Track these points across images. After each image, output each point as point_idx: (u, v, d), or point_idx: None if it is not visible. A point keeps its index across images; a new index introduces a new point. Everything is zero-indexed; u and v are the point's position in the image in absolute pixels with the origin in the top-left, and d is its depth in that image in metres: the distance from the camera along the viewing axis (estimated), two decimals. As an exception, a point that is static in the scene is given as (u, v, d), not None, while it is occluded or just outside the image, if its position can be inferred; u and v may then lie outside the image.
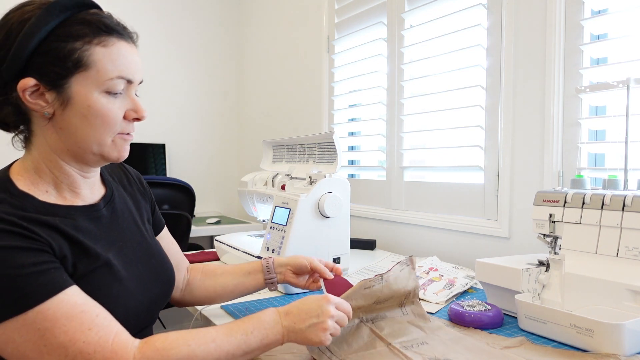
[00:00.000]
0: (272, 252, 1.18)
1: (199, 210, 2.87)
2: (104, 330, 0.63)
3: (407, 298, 0.90)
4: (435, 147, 1.66)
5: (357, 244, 1.69)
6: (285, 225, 1.17)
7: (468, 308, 0.93)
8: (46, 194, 0.72)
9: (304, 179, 1.31)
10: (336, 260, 1.23)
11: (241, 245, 1.39)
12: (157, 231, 0.97)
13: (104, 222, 0.79)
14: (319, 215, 1.19)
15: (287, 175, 1.41)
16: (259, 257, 1.23)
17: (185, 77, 2.95)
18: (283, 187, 1.36)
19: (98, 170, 0.82)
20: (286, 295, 1.15)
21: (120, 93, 0.73)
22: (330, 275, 0.95)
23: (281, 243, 1.16)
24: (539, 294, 0.93)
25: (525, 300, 0.88)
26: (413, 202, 1.70)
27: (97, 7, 0.74)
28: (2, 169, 0.74)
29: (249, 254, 1.29)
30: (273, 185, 1.47)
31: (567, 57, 1.23)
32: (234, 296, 0.99)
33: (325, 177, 1.21)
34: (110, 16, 0.74)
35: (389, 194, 1.80)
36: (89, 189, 0.80)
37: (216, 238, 1.55)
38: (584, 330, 0.77)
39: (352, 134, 2.10)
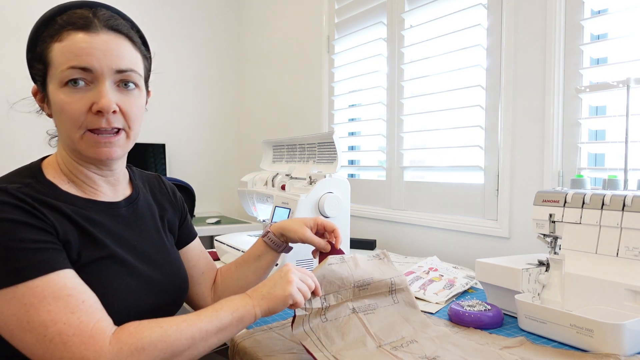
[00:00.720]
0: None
1: (199, 210, 2.87)
2: (87, 316, 0.64)
3: (393, 286, 0.91)
4: (435, 147, 1.66)
5: (357, 244, 1.69)
6: (285, 225, 1.17)
7: (468, 308, 0.93)
8: (68, 186, 0.77)
9: (304, 179, 1.31)
10: (336, 260, 1.23)
11: (241, 245, 1.39)
12: (185, 242, 0.99)
13: (122, 220, 0.81)
14: (319, 215, 1.19)
15: (287, 175, 1.41)
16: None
17: (185, 77, 2.94)
18: (283, 187, 1.36)
19: (116, 170, 0.83)
20: (286, 295, 1.15)
21: (84, 85, 0.71)
22: (326, 248, 0.94)
23: (281, 243, 1.16)
24: (539, 294, 0.93)
25: (525, 300, 0.88)
26: (413, 202, 1.70)
27: (82, 5, 0.75)
28: (38, 159, 0.80)
29: (249, 254, 1.28)
30: (273, 185, 1.47)
31: (567, 57, 1.23)
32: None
33: (325, 177, 1.21)
34: (84, 11, 0.74)
35: (389, 194, 1.80)
36: (111, 188, 0.83)
37: (216, 238, 1.55)
38: (584, 330, 0.77)
39: (352, 134, 2.10)
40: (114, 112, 0.73)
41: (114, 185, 0.83)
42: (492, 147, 1.42)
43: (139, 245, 0.82)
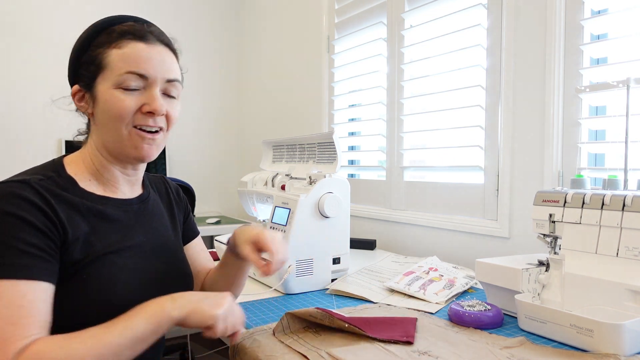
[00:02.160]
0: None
1: (199, 210, 2.87)
2: (20, 333, 0.64)
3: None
4: (435, 147, 1.65)
5: (357, 244, 1.69)
6: (285, 225, 1.17)
7: (468, 308, 0.93)
8: (88, 182, 0.82)
9: (304, 179, 1.31)
10: (336, 260, 1.23)
11: (241, 245, 1.38)
12: (188, 239, 1.02)
13: (133, 216, 0.86)
14: (319, 215, 1.19)
15: (287, 175, 1.41)
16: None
17: (185, 76, 2.93)
18: (283, 187, 1.36)
19: (138, 171, 0.89)
20: (286, 295, 1.15)
21: (137, 89, 0.79)
22: (262, 270, 0.82)
23: (281, 243, 1.16)
24: (539, 294, 0.93)
25: (525, 300, 0.88)
26: (413, 202, 1.70)
27: (135, 19, 0.84)
28: (59, 156, 0.85)
29: (249, 254, 1.28)
30: (273, 185, 1.47)
31: (567, 57, 1.23)
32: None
33: (325, 177, 1.21)
34: (138, 24, 0.82)
35: (389, 194, 1.80)
36: (129, 187, 0.88)
37: (216, 238, 1.55)
38: (584, 330, 0.77)
39: (352, 134, 2.10)
40: (162, 114, 0.81)
41: (132, 185, 0.89)
42: (492, 147, 1.42)
43: (148, 241, 0.86)
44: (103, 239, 0.78)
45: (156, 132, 0.82)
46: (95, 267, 0.74)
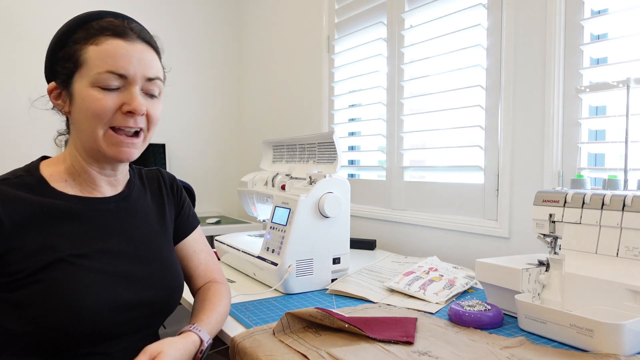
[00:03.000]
0: (272, 252, 1.18)
1: (199, 210, 2.87)
2: None
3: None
4: (435, 147, 1.66)
5: (357, 244, 1.69)
6: (285, 225, 1.17)
7: (468, 308, 0.93)
8: (63, 183, 0.80)
9: (304, 179, 1.31)
10: (336, 260, 1.23)
11: (241, 245, 1.39)
12: (179, 238, 0.97)
13: (108, 215, 0.83)
14: (319, 215, 1.19)
15: (287, 175, 1.41)
16: (259, 257, 1.23)
17: (185, 77, 2.94)
18: (283, 187, 1.36)
19: (118, 171, 0.86)
20: (286, 295, 1.15)
21: (117, 88, 0.77)
22: None
23: (281, 243, 1.16)
24: (539, 294, 0.93)
25: (525, 300, 0.88)
26: (413, 202, 1.70)
27: (114, 15, 0.81)
28: (40, 157, 0.85)
29: (249, 254, 1.29)
30: (273, 185, 1.47)
31: (567, 57, 1.23)
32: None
33: (325, 177, 1.21)
34: (117, 20, 0.79)
35: (389, 194, 1.80)
36: (109, 186, 0.86)
37: (216, 238, 1.55)
38: (584, 330, 0.77)
39: (352, 134, 2.10)
40: (142, 114, 0.79)
41: (114, 185, 0.86)
42: (492, 147, 1.42)
43: (125, 242, 0.82)
44: (69, 240, 0.75)
45: (136, 134, 0.80)
46: (59, 270, 0.71)
